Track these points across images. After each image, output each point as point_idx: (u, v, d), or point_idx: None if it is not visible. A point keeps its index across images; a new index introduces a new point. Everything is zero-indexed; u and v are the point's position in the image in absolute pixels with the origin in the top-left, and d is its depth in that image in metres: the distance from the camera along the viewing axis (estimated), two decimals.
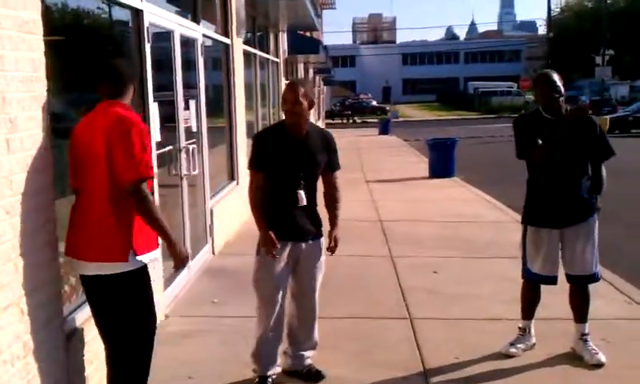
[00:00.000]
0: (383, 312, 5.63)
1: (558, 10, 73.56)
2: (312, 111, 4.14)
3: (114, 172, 3.13)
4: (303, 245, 4.08)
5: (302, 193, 4.00)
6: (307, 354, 4.32)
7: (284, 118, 4.09)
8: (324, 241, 4.22)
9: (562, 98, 4.40)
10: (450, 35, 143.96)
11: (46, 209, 3.31)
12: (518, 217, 9.63)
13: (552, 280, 4.58)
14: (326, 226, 4.22)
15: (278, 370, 4.23)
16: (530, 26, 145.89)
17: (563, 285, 4.65)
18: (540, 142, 4.36)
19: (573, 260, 4.51)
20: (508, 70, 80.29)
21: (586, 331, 4.56)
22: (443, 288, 6.30)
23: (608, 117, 31.24)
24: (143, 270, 3.35)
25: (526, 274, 4.69)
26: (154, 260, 3.55)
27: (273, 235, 3.94)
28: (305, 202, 4.01)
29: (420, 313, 5.58)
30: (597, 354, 4.45)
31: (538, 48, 78.24)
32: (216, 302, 5.94)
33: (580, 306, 4.59)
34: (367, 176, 15.47)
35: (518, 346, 4.65)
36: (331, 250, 4.21)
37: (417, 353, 4.71)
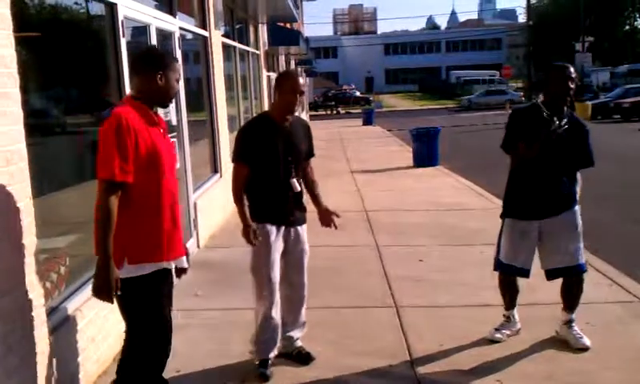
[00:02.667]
0: (369, 301, 5.61)
1: None
2: (300, 106, 4.21)
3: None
4: (292, 230, 4.22)
5: (294, 180, 4.14)
6: (296, 334, 4.42)
7: (268, 108, 4.16)
8: (304, 228, 4.33)
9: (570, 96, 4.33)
10: (431, 25, 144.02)
11: (23, 207, 3.24)
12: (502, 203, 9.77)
13: (525, 273, 4.56)
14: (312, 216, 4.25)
15: (276, 352, 4.29)
16: (510, 14, 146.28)
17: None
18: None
19: (557, 253, 4.45)
20: (489, 59, 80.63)
21: (573, 317, 4.56)
22: (429, 276, 6.29)
23: (590, 103, 31.49)
24: (141, 280, 3.10)
25: (499, 266, 4.68)
26: (168, 266, 3.26)
27: (254, 228, 3.99)
28: (299, 189, 4.17)
29: (406, 301, 5.57)
30: (581, 338, 4.45)
31: (518, 36, 78.57)
32: (200, 294, 5.90)
33: (572, 298, 4.55)
34: (352, 166, 15.47)
35: (503, 331, 4.66)
36: (333, 223, 4.39)
37: (403, 341, 4.71)
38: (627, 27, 71.85)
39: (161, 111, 6.23)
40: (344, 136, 25.46)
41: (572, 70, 4.32)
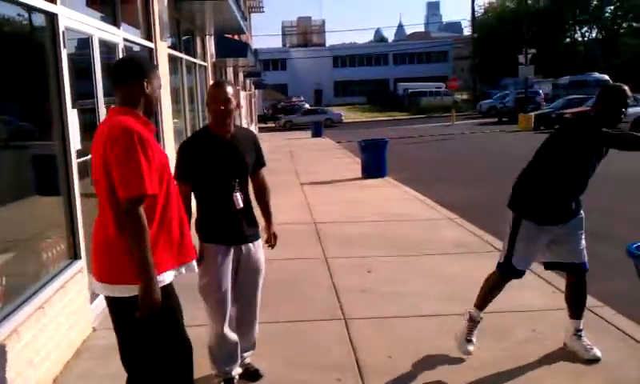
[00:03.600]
0: (317, 314, 5.58)
1: (482, 11, 75.74)
2: (243, 115, 4.11)
3: (114, 188, 2.87)
4: (243, 247, 4.07)
5: (237, 195, 3.97)
6: (246, 354, 4.33)
7: (209, 121, 4.04)
8: (259, 244, 4.22)
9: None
10: (379, 37, 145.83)
11: None
12: (450, 214, 9.96)
13: (523, 274, 4.50)
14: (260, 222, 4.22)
15: (239, 370, 4.21)
16: (456, 27, 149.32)
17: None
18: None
19: (577, 249, 4.38)
20: (436, 71, 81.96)
21: (581, 327, 4.45)
22: (377, 287, 6.30)
23: (533, 114, 32.30)
24: (164, 291, 2.97)
25: (509, 271, 4.46)
26: (178, 275, 3.14)
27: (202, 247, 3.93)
28: (241, 205, 3.99)
29: (354, 313, 5.56)
30: (592, 349, 4.34)
31: (464, 48, 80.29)
32: None
33: (580, 300, 4.46)
34: (301, 178, 15.45)
35: (473, 338, 4.54)
36: (271, 244, 4.34)
37: (351, 353, 4.69)
38: (568, 40, 74.15)
39: None
40: (293, 148, 25.45)
41: (628, 90, 4.22)
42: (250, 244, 4.10)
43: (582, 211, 4.44)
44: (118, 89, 3.08)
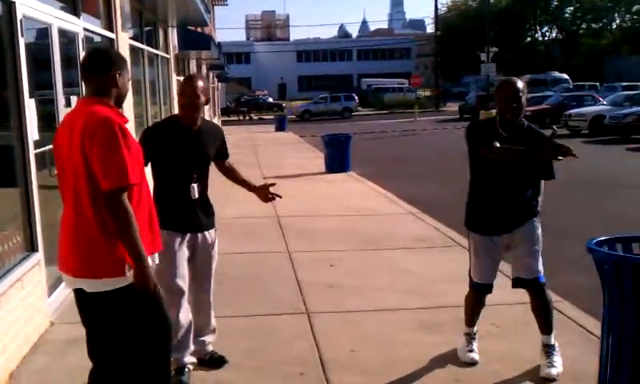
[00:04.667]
0: (280, 308, 5.57)
1: (445, 8, 76.50)
2: (207, 108, 4.12)
3: (95, 179, 2.83)
4: (199, 235, 4.16)
5: (195, 186, 4.06)
6: (208, 339, 4.38)
7: (177, 112, 4.11)
8: (213, 233, 4.28)
9: (521, 110, 4.10)
10: (343, 33, 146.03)
11: None
12: (412, 208, 10.03)
13: (490, 288, 4.33)
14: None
15: (192, 359, 4.21)
16: (419, 24, 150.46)
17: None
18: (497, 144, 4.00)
19: (526, 263, 4.21)
20: (399, 67, 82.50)
21: (551, 342, 4.24)
22: (340, 281, 6.31)
23: (494, 111, 32.70)
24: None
25: (472, 286, 4.38)
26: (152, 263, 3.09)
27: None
28: (197, 196, 4.07)
29: (317, 307, 5.56)
30: (551, 367, 4.13)
31: (426, 45, 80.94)
32: None
33: (543, 316, 4.26)
34: (264, 172, 15.38)
35: (474, 347, 4.43)
36: (274, 194, 4.54)
37: (314, 347, 4.68)
38: (529, 39, 75.39)
39: (62, 114, 6.02)
40: (256, 142, 25.35)
41: (518, 83, 4.13)
42: (206, 232, 4.20)
43: (534, 220, 4.22)
44: (90, 79, 3.04)
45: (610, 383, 3.50)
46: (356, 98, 48.68)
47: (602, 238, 3.60)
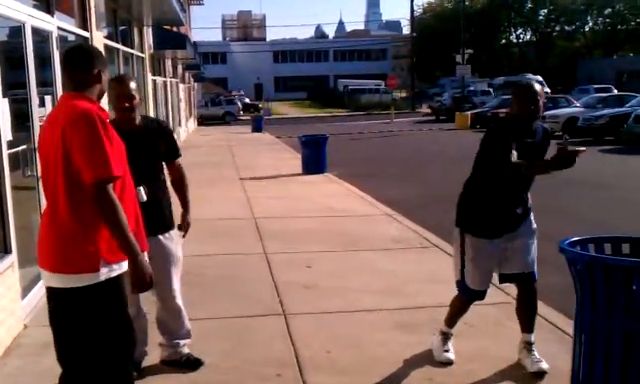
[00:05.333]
0: (257, 309, 5.55)
1: (421, 10, 76.95)
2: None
3: (77, 172, 2.82)
4: (153, 240, 4.03)
5: (141, 189, 3.93)
6: (182, 341, 4.33)
7: (114, 115, 3.96)
8: (175, 232, 4.26)
9: (539, 112, 4.04)
10: (319, 34, 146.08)
11: None
12: (388, 210, 10.07)
13: (484, 294, 4.27)
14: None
15: (139, 359, 4.17)
16: (395, 25, 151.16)
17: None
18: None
19: (525, 258, 4.19)
20: (375, 68, 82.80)
21: (532, 340, 4.27)
22: (317, 282, 6.32)
23: (469, 113, 33.02)
24: (117, 280, 2.97)
25: (466, 293, 4.26)
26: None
27: None
28: (145, 198, 3.94)
29: (294, 308, 5.55)
30: (539, 361, 4.17)
31: (403, 47, 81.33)
32: None
33: (531, 313, 4.28)
34: (241, 173, 15.35)
35: (450, 346, 4.40)
36: (184, 230, 4.37)
37: (291, 348, 4.68)
38: (503, 41, 76.09)
39: (36, 114, 5.95)
40: (233, 143, 25.27)
41: (536, 86, 4.09)
42: (160, 236, 4.11)
43: (531, 218, 4.25)
44: (73, 75, 3.05)
45: (583, 381, 3.55)
46: (238, 102, 48.85)
47: (575, 239, 3.65)
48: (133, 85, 3.96)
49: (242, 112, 48.22)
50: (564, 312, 5.14)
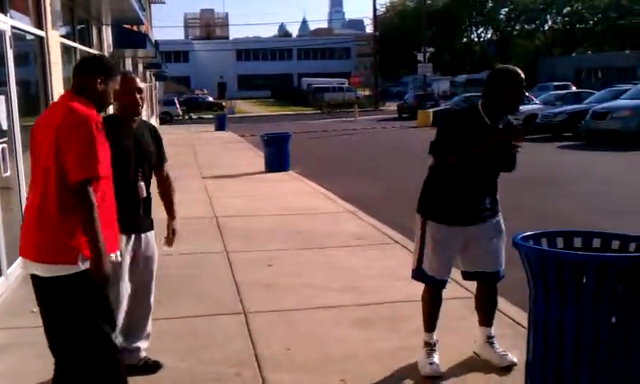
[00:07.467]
0: (217, 308, 5.53)
1: (384, 9, 77.36)
2: (144, 107, 4.13)
3: (63, 170, 3.00)
4: (143, 236, 4.10)
5: (142, 184, 4.01)
6: (143, 345, 4.29)
7: (115, 110, 4.08)
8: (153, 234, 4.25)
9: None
10: (283, 32, 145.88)
11: None
12: (350, 207, 10.10)
13: (444, 284, 4.20)
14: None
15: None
16: (359, 24, 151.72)
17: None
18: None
19: (487, 257, 4.16)
20: (339, 67, 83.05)
21: (492, 333, 4.31)
22: (278, 280, 6.31)
23: (431, 110, 33.31)
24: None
25: (422, 277, 4.19)
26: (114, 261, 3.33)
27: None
28: (145, 194, 4.03)
29: (254, 306, 5.54)
30: (506, 355, 4.21)
31: (366, 46, 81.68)
32: (35, 311, 5.51)
33: (491, 308, 4.33)
34: (203, 172, 15.26)
35: (435, 359, 4.18)
36: (169, 241, 4.38)
37: (250, 347, 4.67)
38: (465, 40, 76.98)
39: None
40: (196, 141, 25.09)
41: (520, 72, 4.00)
42: (149, 233, 4.16)
43: (499, 214, 4.22)
44: (76, 77, 3.27)
45: (536, 371, 3.61)
46: (177, 103, 48.46)
47: (528, 233, 3.71)
48: (138, 80, 4.06)
49: (180, 113, 47.55)
50: (520, 306, 5.21)
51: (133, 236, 4.02)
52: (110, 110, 4.11)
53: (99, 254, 3.01)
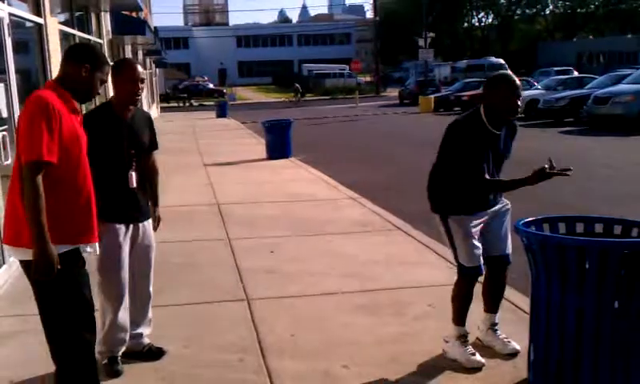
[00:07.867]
0: (220, 295, 5.54)
1: None
2: (143, 95, 4.11)
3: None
4: (140, 225, 4.12)
5: (133, 174, 4.00)
6: (145, 331, 4.32)
7: (112, 99, 4.04)
8: (151, 222, 4.28)
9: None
10: (283, 18, 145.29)
11: None
12: (352, 194, 10.10)
13: (481, 270, 4.12)
14: None
15: (123, 348, 4.17)
16: (359, 9, 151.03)
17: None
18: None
19: (500, 240, 4.17)
20: (339, 53, 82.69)
21: (496, 321, 4.33)
22: (280, 267, 6.32)
23: (432, 96, 33.25)
24: (62, 258, 3.04)
25: (465, 272, 4.11)
26: (84, 252, 3.26)
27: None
28: (135, 184, 4.02)
29: (257, 293, 5.55)
30: (510, 342, 4.23)
31: (367, 31, 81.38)
32: None
33: (499, 294, 4.32)
34: (205, 159, 15.24)
35: (471, 349, 4.16)
36: (154, 228, 4.35)
37: (254, 333, 4.69)
38: (466, 25, 76.63)
39: None
40: (197, 129, 25.06)
41: (516, 79, 3.96)
42: (145, 222, 4.17)
43: (504, 199, 4.26)
44: (62, 65, 3.24)
45: (539, 357, 3.63)
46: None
47: (530, 219, 3.72)
48: (140, 68, 4.01)
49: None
50: (524, 292, 5.22)
51: (131, 225, 4.04)
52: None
53: (41, 244, 2.92)
